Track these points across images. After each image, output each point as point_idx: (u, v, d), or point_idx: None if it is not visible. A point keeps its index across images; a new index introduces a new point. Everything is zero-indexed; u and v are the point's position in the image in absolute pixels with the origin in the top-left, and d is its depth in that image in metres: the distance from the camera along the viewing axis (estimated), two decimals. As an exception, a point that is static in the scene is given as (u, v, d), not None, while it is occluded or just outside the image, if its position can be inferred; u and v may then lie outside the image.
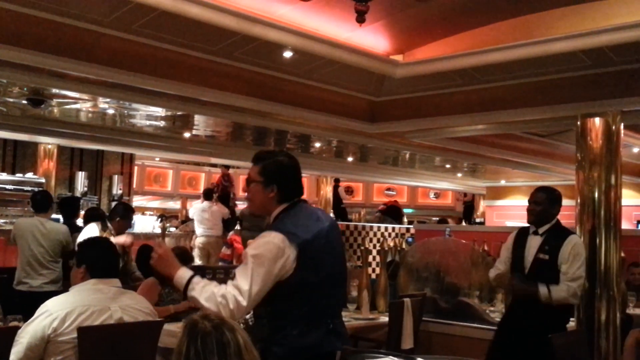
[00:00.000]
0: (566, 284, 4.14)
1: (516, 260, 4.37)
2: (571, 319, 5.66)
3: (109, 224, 5.88)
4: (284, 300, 2.60)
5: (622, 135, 6.18)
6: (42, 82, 6.22)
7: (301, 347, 2.56)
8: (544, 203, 4.30)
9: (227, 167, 13.90)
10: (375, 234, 13.03)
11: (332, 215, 14.17)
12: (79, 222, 6.99)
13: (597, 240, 5.88)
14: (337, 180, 15.77)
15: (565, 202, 4.52)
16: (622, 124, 6.15)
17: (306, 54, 6.13)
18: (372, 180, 17.46)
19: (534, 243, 4.31)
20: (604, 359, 5.73)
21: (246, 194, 2.85)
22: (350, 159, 13.00)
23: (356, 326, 5.18)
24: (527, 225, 4.44)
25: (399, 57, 6.74)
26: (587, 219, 5.97)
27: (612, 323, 5.77)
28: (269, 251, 2.55)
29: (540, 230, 4.30)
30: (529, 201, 4.36)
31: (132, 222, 6.21)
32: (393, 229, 13.08)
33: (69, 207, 6.78)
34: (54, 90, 7.13)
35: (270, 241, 2.57)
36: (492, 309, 5.72)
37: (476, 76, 6.46)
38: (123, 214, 5.99)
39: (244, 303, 2.50)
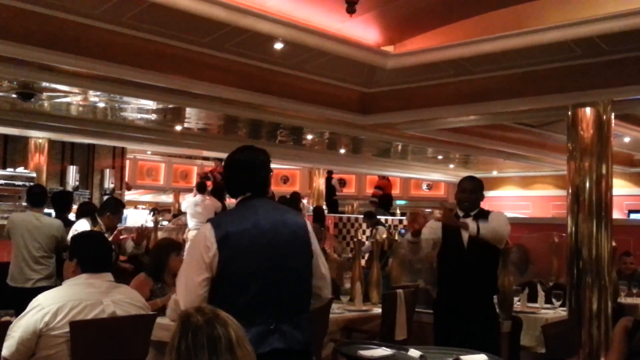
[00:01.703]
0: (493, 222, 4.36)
1: (451, 240, 4.45)
2: (562, 308, 5.70)
3: (99, 219, 5.85)
4: (217, 294, 2.57)
5: (612, 125, 6.21)
6: (32, 75, 6.18)
7: None
8: (476, 191, 4.54)
9: (220, 160, 13.85)
10: (368, 226, 13.04)
11: (325, 206, 14.18)
12: (72, 216, 6.97)
13: (588, 230, 5.91)
14: (330, 172, 15.76)
15: (557, 192, 4.59)
16: (613, 114, 6.18)
17: (297, 46, 6.12)
18: (365, 172, 17.44)
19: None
20: (596, 348, 5.77)
21: None
22: (342, 150, 13.00)
23: (349, 318, 5.19)
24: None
25: (390, 48, 6.74)
26: (578, 209, 5.99)
27: (604, 312, 5.81)
28: (198, 241, 2.63)
29: (472, 214, 4.48)
30: (465, 189, 4.53)
31: (123, 216, 6.18)
32: (386, 220, 13.12)
33: (61, 202, 6.74)
34: (44, 84, 7.08)
35: (201, 231, 2.67)
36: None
37: (467, 67, 6.46)
38: (113, 208, 5.96)
39: (179, 298, 2.60)
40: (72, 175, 12.48)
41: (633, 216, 13.30)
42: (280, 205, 2.88)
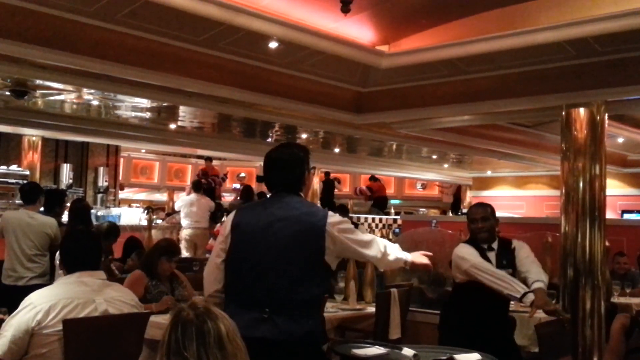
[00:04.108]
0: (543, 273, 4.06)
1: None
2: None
3: None
4: (226, 279, 2.85)
5: (606, 125, 6.22)
6: (25, 73, 6.16)
7: None
8: (491, 217, 4.18)
9: (210, 159, 13.81)
10: (362, 225, 13.07)
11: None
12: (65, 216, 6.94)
13: (582, 230, 5.92)
14: (327, 174, 15.75)
15: (551, 192, 4.53)
16: (607, 114, 6.19)
17: (291, 45, 6.11)
18: (360, 172, 17.47)
19: (493, 259, 4.11)
20: (589, 347, 5.78)
21: None
22: (337, 150, 13.00)
23: (343, 317, 5.20)
24: (466, 240, 4.28)
25: (384, 48, 6.73)
26: (571, 209, 6.00)
27: (597, 312, 5.82)
28: (224, 225, 2.97)
29: (494, 246, 4.15)
30: (474, 219, 4.16)
31: (117, 215, 6.07)
32: (380, 219, 13.15)
33: (50, 199, 6.70)
34: (37, 82, 7.06)
35: (229, 215, 3.00)
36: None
37: (462, 67, 6.47)
38: (105, 233, 5.88)
39: (204, 278, 2.93)
40: (66, 173, 12.45)
41: (626, 216, 13.35)
42: (304, 204, 2.90)
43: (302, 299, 2.73)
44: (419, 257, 3.03)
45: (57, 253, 3.75)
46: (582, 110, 6.05)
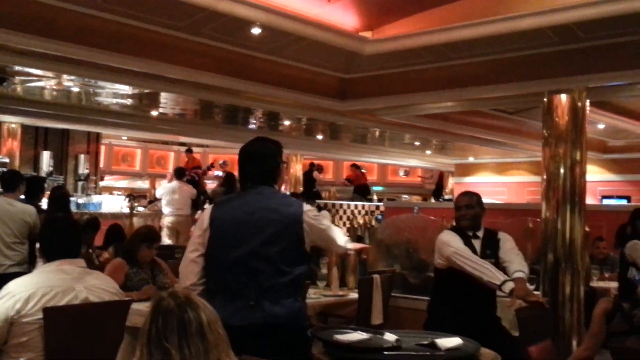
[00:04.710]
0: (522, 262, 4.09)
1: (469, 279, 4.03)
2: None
3: None
4: (206, 271, 2.87)
5: (587, 111, 6.27)
6: (4, 59, 6.07)
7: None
8: (476, 206, 4.19)
9: (190, 150, 13.69)
10: (345, 212, 13.10)
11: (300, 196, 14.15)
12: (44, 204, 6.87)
13: (562, 216, 5.98)
14: (312, 165, 15.73)
15: (532, 178, 4.53)
16: (588, 101, 6.24)
17: (275, 31, 6.07)
18: (343, 158, 17.48)
19: (477, 247, 4.12)
20: (568, 331, 5.86)
21: None
22: (320, 136, 12.98)
23: (326, 303, 5.22)
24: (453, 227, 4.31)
25: (368, 34, 6.72)
26: (552, 195, 6.06)
27: (576, 296, 5.90)
28: (200, 219, 2.98)
29: (480, 234, 4.17)
30: (459, 206, 4.19)
31: (98, 202, 6.03)
32: (363, 206, 13.17)
33: (31, 187, 6.63)
34: (17, 68, 6.96)
35: (206, 209, 3.05)
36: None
37: (445, 53, 6.47)
38: (84, 227, 5.83)
39: (180, 271, 2.94)
40: (46, 160, 12.32)
41: (606, 202, 13.48)
42: (279, 195, 3.00)
43: (286, 284, 2.81)
44: (356, 245, 3.38)
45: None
46: (563, 96, 6.09)
